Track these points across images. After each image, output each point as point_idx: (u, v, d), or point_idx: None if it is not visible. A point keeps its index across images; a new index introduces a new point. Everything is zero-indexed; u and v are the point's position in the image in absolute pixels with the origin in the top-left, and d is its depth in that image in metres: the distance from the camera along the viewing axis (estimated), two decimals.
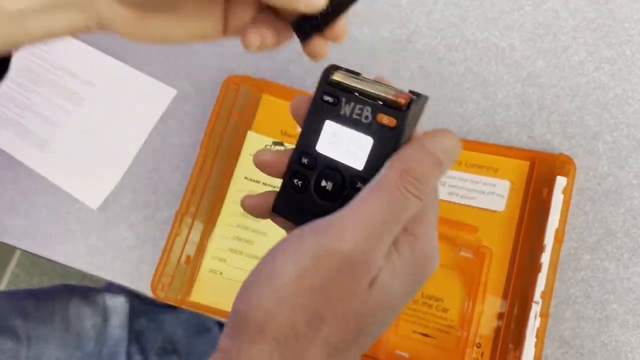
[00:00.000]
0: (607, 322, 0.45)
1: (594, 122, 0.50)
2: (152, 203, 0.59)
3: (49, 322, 0.63)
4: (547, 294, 0.44)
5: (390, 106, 0.29)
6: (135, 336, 0.75)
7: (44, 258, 0.63)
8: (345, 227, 0.26)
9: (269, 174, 0.32)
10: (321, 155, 0.30)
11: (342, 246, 0.25)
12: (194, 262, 0.53)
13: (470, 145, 0.51)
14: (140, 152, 0.62)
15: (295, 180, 0.30)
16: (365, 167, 0.29)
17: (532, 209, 0.47)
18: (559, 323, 0.46)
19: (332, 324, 0.25)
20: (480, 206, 0.49)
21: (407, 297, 0.28)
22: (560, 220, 0.45)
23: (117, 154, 0.62)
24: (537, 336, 0.43)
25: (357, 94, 0.30)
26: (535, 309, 0.44)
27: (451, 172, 0.50)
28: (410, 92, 0.29)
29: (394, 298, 0.27)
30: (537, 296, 0.44)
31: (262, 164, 0.32)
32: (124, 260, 0.58)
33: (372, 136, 0.29)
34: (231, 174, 0.55)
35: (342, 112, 0.30)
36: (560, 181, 0.46)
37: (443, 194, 0.50)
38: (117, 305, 0.74)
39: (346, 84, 0.30)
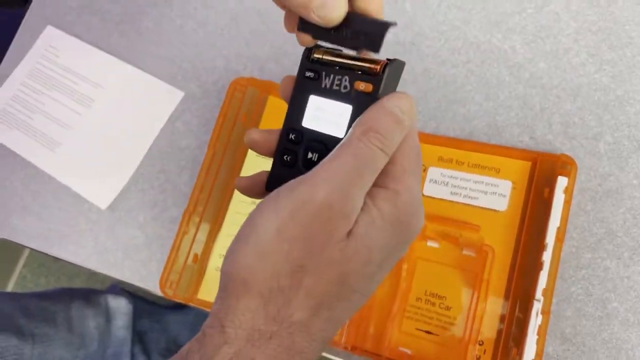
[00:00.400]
0: (608, 320, 0.45)
1: (595, 123, 0.50)
2: (160, 203, 0.61)
3: (52, 322, 0.64)
4: (549, 292, 0.44)
5: (366, 73, 0.30)
6: (138, 337, 0.76)
7: (51, 259, 0.64)
8: (316, 180, 0.27)
9: (259, 153, 0.33)
10: (307, 129, 0.31)
11: (315, 196, 0.26)
12: (202, 261, 0.54)
13: (473, 145, 0.51)
14: (149, 153, 0.63)
15: (285, 157, 0.32)
16: (346, 135, 0.30)
17: (534, 208, 0.48)
18: (561, 320, 0.46)
19: (313, 274, 0.26)
20: (483, 206, 0.50)
21: (391, 254, 0.29)
22: (561, 219, 0.46)
23: (125, 155, 0.63)
24: (538, 333, 0.43)
25: (336, 67, 0.31)
26: (537, 306, 0.44)
27: (454, 173, 0.51)
28: (387, 59, 0.30)
29: (375, 251, 0.28)
30: (539, 294, 0.44)
31: (252, 143, 0.33)
32: (133, 259, 0.59)
33: (351, 103, 0.30)
34: (238, 174, 0.56)
35: (323, 86, 0.31)
36: (562, 181, 0.46)
37: (446, 193, 0.51)
38: (120, 306, 0.75)
39: (325, 58, 0.31)
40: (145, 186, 0.62)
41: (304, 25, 0.32)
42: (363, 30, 0.30)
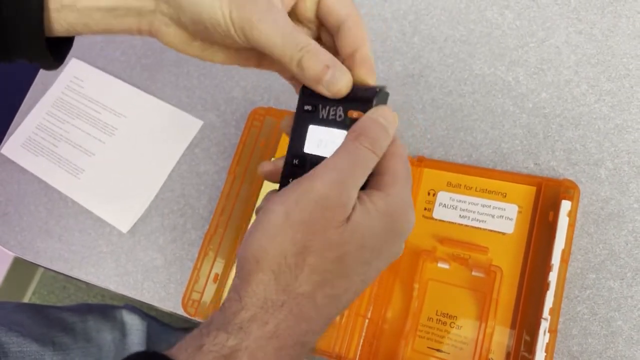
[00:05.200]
0: (613, 338, 0.47)
1: (596, 150, 0.53)
2: (179, 226, 0.63)
3: (70, 332, 0.65)
4: (555, 311, 0.46)
5: (358, 102, 0.34)
6: None
7: (60, 287, 0.65)
8: (317, 174, 0.32)
9: (272, 181, 0.38)
10: (308, 154, 0.36)
11: (315, 186, 0.31)
12: (221, 280, 0.56)
13: (480, 171, 0.54)
14: (169, 178, 0.66)
15: (290, 179, 0.36)
16: None
17: (540, 231, 0.50)
18: (567, 339, 0.48)
19: (315, 254, 0.31)
20: (491, 228, 0.52)
21: (384, 245, 0.33)
22: (566, 241, 0.47)
23: (146, 181, 0.66)
24: (546, 351, 0.45)
25: (330, 100, 0.35)
26: (544, 325, 0.46)
27: (462, 197, 0.53)
28: (376, 88, 0.35)
29: (368, 238, 0.32)
30: (546, 313, 0.46)
31: (265, 174, 0.38)
32: (152, 281, 0.61)
33: (346, 129, 0.34)
34: (256, 198, 0.59)
35: (320, 116, 0.35)
36: (565, 205, 0.48)
37: (455, 217, 0.53)
38: (135, 323, 0.76)
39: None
40: (165, 210, 0.64)
41: (307, 89, 0.36)
42: (358, 96, 0.35)
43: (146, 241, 0.63)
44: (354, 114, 0.34)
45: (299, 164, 0.36)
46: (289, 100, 0.65)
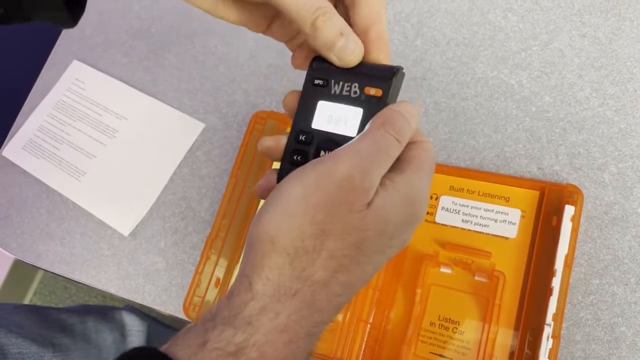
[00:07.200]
0: (617, 344, 0.47)
1: (600, 154, 0.53)
2: (180, 229, 0.63)
3: (69, 333, 0.65)
4: (559, 317, 0.46)
5: (375, 79, 0.33)
6: None
7: (61, 287, 0.65)
8: (340, 156, 0.30)
9: (272, 159, 0.36)
10: (317, 130, 0.34)
11: (338, 169, 0.30)
12: (223, 284, 0.56)
13: (483, 175, 0.54)
14: (170, 181, 0.65)
15: (295, 157, 0.34)
16: (358, 133, 0.33)
17: (543, 235, 0.49)
18: (570, 345, 0.48)
19: (335, 238, 0.29)
20: (494, 233, 0.52)
21: (400, 232, 0.32)
22: (569, 246, 0.47)
23: (148, 184, 0.66)
24: (549, 357, 0.45)
25: (345, 74, 0.34)
26: (548, 330, 0.45)
27: (465, 201, 0.53)
28: (394, 66, 0.34)
29: (389, 224, 0.31)
30: (549, 318, 0.46)
31: (266, 149, 0.36)
32: (154, 284, 0.61)
33: (362, 106, 0.33)
34: (258, 202, 0.59)
35: (332, 92, 0.34)
36: (569, 210, 0.48)
37: (457, 221, 0.53)
38: (135, 324, 0.76)
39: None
40: (167, 213, 0.64)
41: (318, 63, 0.35)
42: (374, 74, 0.34)
43: (147, 244, 0.63)
44: (371, 90, 0.33)
45: (305, 140, 0.34)
46: None
